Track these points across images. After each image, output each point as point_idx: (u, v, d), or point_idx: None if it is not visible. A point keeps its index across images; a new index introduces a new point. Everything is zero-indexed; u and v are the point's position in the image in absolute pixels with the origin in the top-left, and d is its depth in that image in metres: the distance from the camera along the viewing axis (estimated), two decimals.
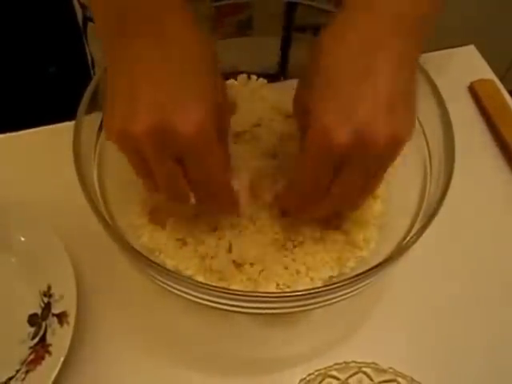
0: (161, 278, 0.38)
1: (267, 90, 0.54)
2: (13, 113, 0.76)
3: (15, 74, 0.91)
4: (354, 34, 0.35)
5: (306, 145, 0.36)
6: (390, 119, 0.34)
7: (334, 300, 0.39)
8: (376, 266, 0.38)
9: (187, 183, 0.38)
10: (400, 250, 0.39)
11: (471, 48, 0.69)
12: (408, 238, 0.41)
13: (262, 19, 0.53)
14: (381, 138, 0.34)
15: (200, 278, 0.44)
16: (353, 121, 0.33)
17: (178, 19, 0.36)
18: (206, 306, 0.39)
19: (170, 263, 0.44)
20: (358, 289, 0.39)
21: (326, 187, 0.37)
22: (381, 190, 0.48)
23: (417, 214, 0.43)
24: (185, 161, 0.36)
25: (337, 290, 0.37)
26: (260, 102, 0.53)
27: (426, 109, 0.45)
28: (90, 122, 0.44)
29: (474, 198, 0.56)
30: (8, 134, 0.58)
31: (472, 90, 0.64)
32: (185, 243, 0.45)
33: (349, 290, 0.38)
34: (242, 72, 0.55)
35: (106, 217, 0.41)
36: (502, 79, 0.65)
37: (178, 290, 0.39)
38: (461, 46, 0.68)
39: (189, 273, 0.44)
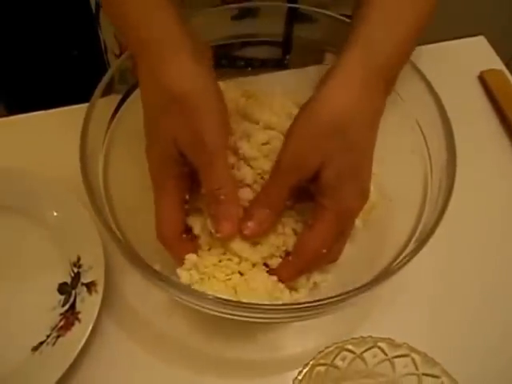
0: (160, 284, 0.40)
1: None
2: (40, 93, 0.78)
3: (40, 57, 0.93)
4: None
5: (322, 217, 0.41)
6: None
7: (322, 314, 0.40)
8: (373, 280, 0.39)
9: None
10: (395, 267, 0.41)
11: (481, 38, 0.69)
12: (405, 253, 0.42)
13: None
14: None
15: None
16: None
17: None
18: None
19: None
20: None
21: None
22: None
23: (422, 211, 0.45)
24: None
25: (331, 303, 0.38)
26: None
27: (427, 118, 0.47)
28: (105, 104, 0.46)
29: (486, 187, 0.57)
30: (35, 113, 0.59)
31: (482, 79, 0.64)
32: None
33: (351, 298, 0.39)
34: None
35: (107, 210, 0.42)
36: (506, 66, 0.66)
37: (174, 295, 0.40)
38: (470, 36, 0.69)
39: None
